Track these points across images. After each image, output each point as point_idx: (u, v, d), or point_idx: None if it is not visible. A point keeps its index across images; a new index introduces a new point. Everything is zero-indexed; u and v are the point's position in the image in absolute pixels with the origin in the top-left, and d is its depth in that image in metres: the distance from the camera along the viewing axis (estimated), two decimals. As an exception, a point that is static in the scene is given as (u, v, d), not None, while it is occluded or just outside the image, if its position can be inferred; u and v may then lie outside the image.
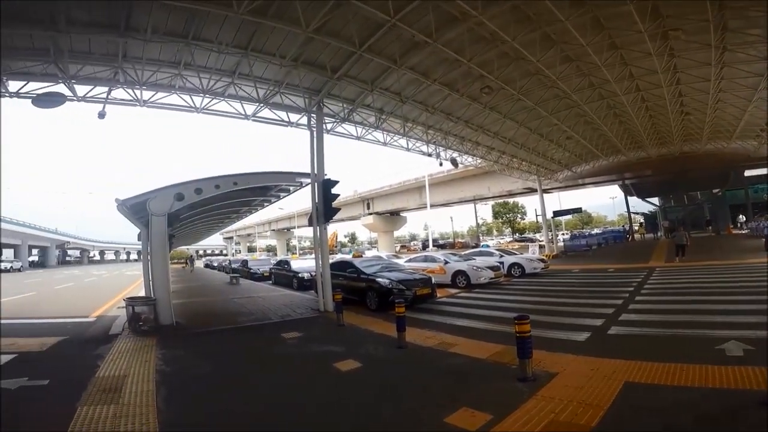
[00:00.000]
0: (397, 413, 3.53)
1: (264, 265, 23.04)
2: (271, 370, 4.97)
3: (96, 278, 26.23)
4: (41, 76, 8.96)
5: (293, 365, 5.19)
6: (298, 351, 5.96)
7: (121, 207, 8.15)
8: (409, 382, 4.38)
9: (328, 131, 12.58)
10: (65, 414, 3.38)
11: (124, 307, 7.96)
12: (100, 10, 7.24)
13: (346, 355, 5.39)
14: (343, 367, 4.86)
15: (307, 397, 3.99)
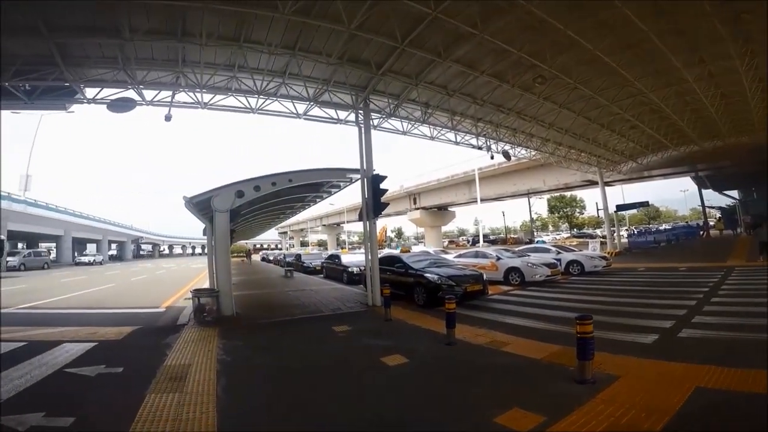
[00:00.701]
0: (443, 410, 3.48)
1: (316, 259, 23.71)
2: (321, 363, 5.09)
3: (165, 271, 28.55)
4: (113, 83, 9.86)
5: (342, 358, 5.27)
6: (347, 344, 6.05)
7: (188, 204, 8.75)
8: (457, 379, 4.31)
9: (375, 127, 12.65)
10: (135, 401, 3.61)
11: (190, 299, 8.52)
12: (158, 17, 7.79)
13: (393, 350, 5.40)
14: (390, 362, 4.87)
15: (354, 392, 4.03)
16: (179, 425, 3.14)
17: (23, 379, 4.12)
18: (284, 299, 11.32)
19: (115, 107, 9.93)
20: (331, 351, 5.67)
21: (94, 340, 6.21)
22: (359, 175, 10.06)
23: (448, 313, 5.71)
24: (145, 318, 8.84)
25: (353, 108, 11.49)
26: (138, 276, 23.31)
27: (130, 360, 5.11)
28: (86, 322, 7.98)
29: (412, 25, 8.33)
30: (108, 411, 3.43)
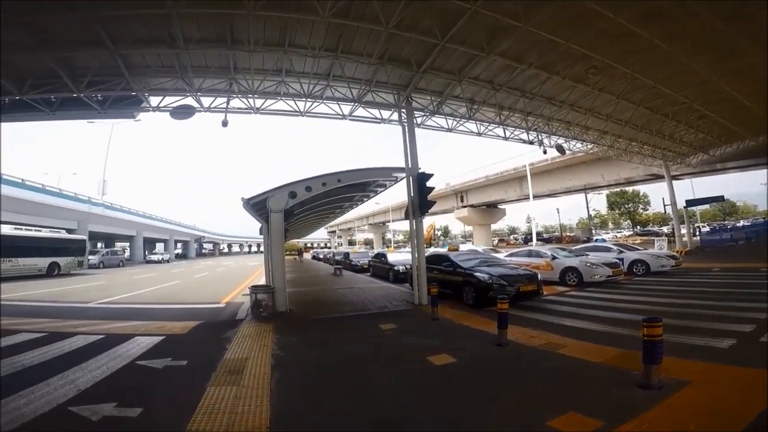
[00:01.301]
0: (493, 411, 3.38)
1: (363, 257, 23.96)
2: (369, 360, 5.11)
3: (224, 269, 30.22)
4: (173, 91, 10.68)
5: (389, 356, 5.27)
6: (394, 342, 6.03)
7: (246, 205, 9.21)
8: (508, 380, 4.16)
9: (418, 125, 12.60)
10: (197, 393, 3.80)
11: (248, 295, 8.95)
12: (208, 25, 8.25)
13: (440, 349, 5.31)
14: (437, 361, 4.79)
15: (400, 389, 4.00)
16: (235, 418, 3.26)
17: (100, 370, 4.50)
18: (334, 297, 11.54)
19: (177, 114, 10.77)
20: (378, 348, 5.69)
21: (162, 333, 6.67)
22: (404, 174, 10.05)
23: (500, 313, 5.52)
24: (207, 313, 9.37)
25: (396, 107, 11.53)
26: (200, 273, 24.89)
27: (193, 353, 5.40)
28: (156, 317, 8.61)
29: (450, 21, 8.17)
30: (172, 403, 3.63)
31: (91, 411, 3.27)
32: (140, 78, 9.97)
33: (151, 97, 10.81)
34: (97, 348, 5.54)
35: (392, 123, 12.40)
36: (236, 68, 10.05)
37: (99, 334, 6.53)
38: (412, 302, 9.50)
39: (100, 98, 10.46)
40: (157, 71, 9.87)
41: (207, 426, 3.11)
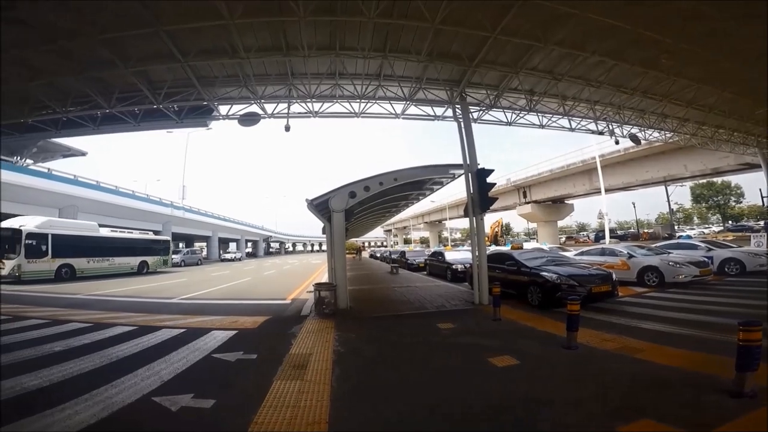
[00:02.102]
0: (558, 415, 3.19)
1: (419, 256, 23.91)
2: (426, 359, 5.04)
3: (290, 266, 31.77)
4: (239, 99, 11.46)
5: (447, 355, 5.17)
6: (452, 342, 5.90)
7: (310, 205, 9.57)
8: (577, 384, 3.89)
9: (475, 120, 12.21)
10: (264, 386, 3.97)
11: (311, 292, 9.32)
12: (263, 34, 8.65)
13: (502, 350, 5.12)
14: (498, 363, 4.61)
15: (459, 389, 3.90)
16: (297, 412, 3.36)
17: (181, 362, 4.87)
18: (391, 295, 11.60)
19: (244, 121, 11.57)
20: (436, 348, 5.60)
21: (235, 328, 7.10)
22: (462, 171, 9.83)
23: (569, 314, 5.19)
24: (275, 309, 9.87)
25: (449, 103, 11.28)
26: (268, 271, 26.39)
27: (262, 347, 5.68)
28: (230, 312, 9.25)
29: (500, 12, 7.79)
30: (242, 395, 3.81)
31: (171, 401, 3.54)
32: (210, 88, 10.77)
33: (220, 106, 11.70)
34: (179, 341, 6.02)
35: (447, 119, 12.20)
36: (293, 74, 10.49)
37: (181, 328, 7.11)
38: (472, 302, 9.26)
39: (176, 108, 11.52)
40: (223, 81, 10.60)
41: (272, 419, 3.23)
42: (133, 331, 6.81)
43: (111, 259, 22.23)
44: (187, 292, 13.74)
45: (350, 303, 9.03)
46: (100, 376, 4.22)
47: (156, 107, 11.28)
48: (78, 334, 6.45)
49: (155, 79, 10.41)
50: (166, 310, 9.70)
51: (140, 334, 6.48)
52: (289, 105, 11.68)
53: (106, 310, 9.53)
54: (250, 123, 11.67)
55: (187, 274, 24.57)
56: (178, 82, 10.38)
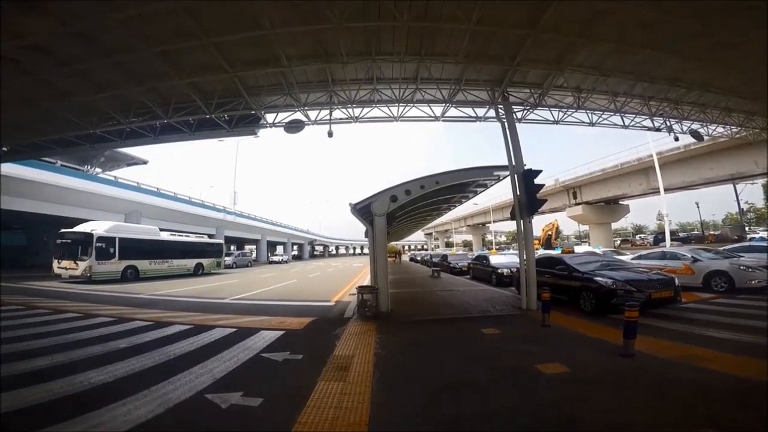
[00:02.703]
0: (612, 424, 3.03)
1: (462, 259, 23.55)
2: (469, 363, 4.92)
3: (333, 269, 32.43)
4: (284, 107, 11.92)
5: (492, 361, 5.00)
6: (497, 347, 5.72)
7: (353, 210, 9.73)
8: (633, 393, 3.68)
9: (519, 120, 11.86)
10: (309, 386, 4.04)
11: (354, 294, 9.42)
12: (303, 43, 8.88)
13: (550, 357, 4.89)
14: (546, 370, 4.40)
15: (502, 394, 3.78)
16: (339, 413, 3.39)
17: (231, 361, 5.08)
18: (433, 299, 11.47)
19: (290, 128, 12.05)
20: (480, 352, 5.45)
21: (282, 328, 7.32)
22: (507, 172, 9.56)
23: (627, 321, 4.90)
24: (320, 310, 10.10)
25: (491, 103, 11.08)
26: (313, 273, 27.05)
27: (307, 348, 5.81)
28: (277, 312, 9.56)
29: (538, 10, 7.50)
30: (288, 395, 3.91)
31: (221, 399, 3.68)
32: (257, 97, 11.26)
33: (267, 114, 12.24)
34: (231, 340, 6.28)
35: (489, 120, 11.94)
36: (333, 80, 10.75)
37: (233, 327, 7.42)
38: (519, 307, 8.97)
39: (226, 118, 12.18)
40: (268, 90, 11.06)
41: (315, 419, 3.28)
42: (190, 329, 7.20)
43: (170, 261, 23.75)
44: (238, 293, 14.36)
45: (391, 306, 9.02)
46: (158, 372, 4.48)
47: (208, 117, 12.00)
48: (141, 332, 6.92)
49: (206, 90, 11.06)
50: (219, 310, 10.19)
51: (196, 333, 6.84)
52: (330, 111, 11.97)
53: (165, 309, 10.17)
54: (295, 130, 12.10)
55: (238, 275, 25.70)
56: (228, 92, 10.97)
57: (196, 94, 10.96)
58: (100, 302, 11.35)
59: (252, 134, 13.28)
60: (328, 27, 7.96)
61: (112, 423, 3.08)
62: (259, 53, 9.20)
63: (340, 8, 7.48)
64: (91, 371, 4.41)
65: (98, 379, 4.18)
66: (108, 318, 8.28)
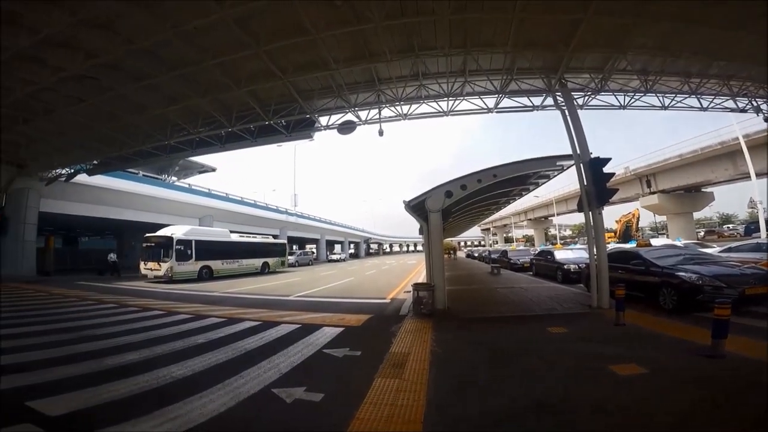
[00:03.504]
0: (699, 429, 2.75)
1: (524, 255, 22.67)
2: (531, 363, 4.69)
3: (388, 267, 32.70)
4: (335, 110, 12.33)
5: (556, 360, 4.73)
6: (564, 347, 5.39)
7: (407, 207, 9.69)
8: (723, 396, 3.32)
9: (581, 107, 11.19)
10: (366, 383, 4.08)
11: (409, 292, 9.40)
12: (347, 45, 9.04)
13: (625, 357, 4.54)
14: (620, 371, 4.08)
15: (568, 398, 3.54)
16: (395, 410, 3.39)
17: (296, 356, 5.28)
18: (492, 296, 11.15)
19: (342, 130, 12.42)
20: (544, 352, 5.16)
21: (342, 325, 7.50)
22: (572, 162, 9.00)
23: (716, 319, 4.43)
24: (376, 308, 10.22)
25: (548, 92, 10.56)
26: (369, 271, 27.48)
27: (366, 345, 5.88)
28: (337, 309, 9.83)
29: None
30: (346, 390, 3.98)
31: (287, 393, 3.83)
32: (309, 101, 11.70)
33: (320, 118, 12.67)
34: (295, 336, 6.55)
35: (548, 108, 11.44)
36: (379, 79, 10.86)
37: (297, 323, 7.73)
38: (589, 305, 8.41)
39: (284, 123, 12.79)
40: (320, 93, 11.46)
41: (372, 415, 3.31)
42: (258, 326, 7.60)
43: (240, 260, 25.36)
44: (301, 290, 14.97)
45: (448, 303, 8.89)
46: (231, 367, 4.77)
47: (267, 123, 12.68)
48: (215, 328, 7.42)
49: (263, 97, 11.68)
50: (284, 307, 10.67)
51: (264, 329, 7.22)
52: (379, 110, 12.12)
53: (236, 306, 10.87)
54: (347, 131, 12.42)
55: (300, 273, 26.80)
56: (283, 98, 11.52)
57: (255, 101, 11.62)
58: (180, 300, 12.38)
59: (308, 138, 13.82)
60: (368, 27, 8.11)
61: (188, 416, 3.29)
62: (307, 58, 9.56)
63: (378, 8, 7.56)
64: (172, 365, 4.81)
65: (178, 373, 4.54)
66: (187, 315, 9.00)
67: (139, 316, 8.89)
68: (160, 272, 19.96)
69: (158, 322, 8.11)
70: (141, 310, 9.86)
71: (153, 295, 14.04)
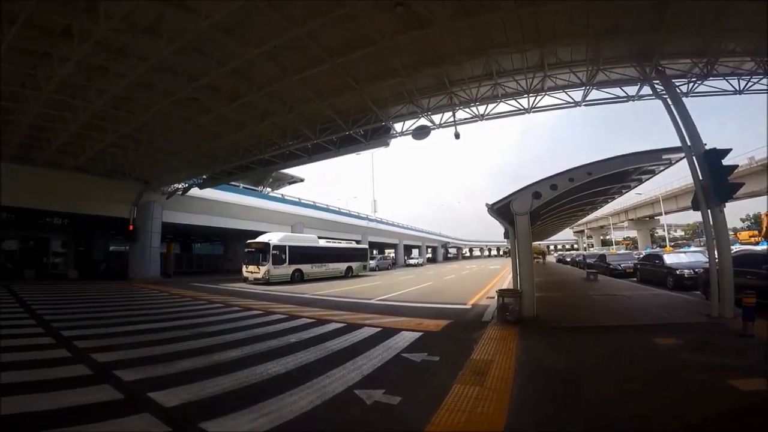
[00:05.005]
0: None
1: (625, 259, 20.61)
2: (634, 375, 4.23)
3: (468, 272, 31.86)
4: (408, 115, 12.48)
5: (665, 373, 4.22)
6: (674, 358, 4.81)
7: (490, 210, 9.38)
8: None
9: (685, 94, 9.88)
10: (444, 389, 4.02)
11: (493, 298, 9.02)
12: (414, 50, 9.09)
13: (750, 371, 3.98)
14: (743, 386, 3.56)
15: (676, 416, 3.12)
16: (473, 418, 3.30)
17: (377, 359, 5.40)
18: (588, 303, 10.29)
19: (417, 135, 12.54)
20: (650, 364, 4.63)
21: (420, 330, 7.50)
22: (681, 155, 7.97)
23: None
24: (456, 313, 9.99)
25: (643, 80, 9.63)
26: (448, 276, 27.06)
27: (444, 351, 5.81)
28: (415, 314, 9.83)
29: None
30: (424, 395, 3.95)
31: (367, 395, 3.93)
32: (384, 109, 12.01)
33: (395, 124, 12.96)
34: (376, 339, 6.71)
35: (646, 98, 10.42)
36: (451, 82, 10.74)
37: (378, 327, 7.90)
38: (707, 314, 7.41)
39: (362, 132, 13.31)
40: (393, 100, 11.71)
41: (448, 421, 3.26)
42: (342, 328, 7.94)
43: (327, 264, 26.79)
44: (381, 294, 15.28)
45: (537, 311, 8.34)
46: (318, 366, 5.04)
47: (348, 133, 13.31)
48: (306, 329, 7.91)
49: (342, 108, 12.28)
50: (366, 310, 10.99)
51: (348, 331, 7.52)
52: (454, 113, 12.01)
53: (324, 308, 11.46)
54: (422, 136, 12.48)
55: (381, 277, 27.41)
56: (359, 108, 12.02)
57: (335, 113, 12.28)
58: (275, 301, 13.42)
59: (385, 145, 14.18)
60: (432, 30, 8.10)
61: (280, 412, 3.53)
62: (378, 67, 9.87)
63: (440, 9, 7.45)
64: (269, 362, 5.23)
65: (274, 370, 4.91)
66: (281, 315, 9.73)
67: (241, 315, 9.84)
68: (259, 275, 21.89)
69: (257, 321, 8.90)
70: (243, 309, 10.92)
71: (253, 296, 15.41)
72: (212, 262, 40.37)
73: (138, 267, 24.05)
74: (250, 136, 14.57)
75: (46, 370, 4.73)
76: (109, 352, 5.71)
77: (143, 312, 10.43)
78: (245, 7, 7.24)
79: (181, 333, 7.49)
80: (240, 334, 7.35)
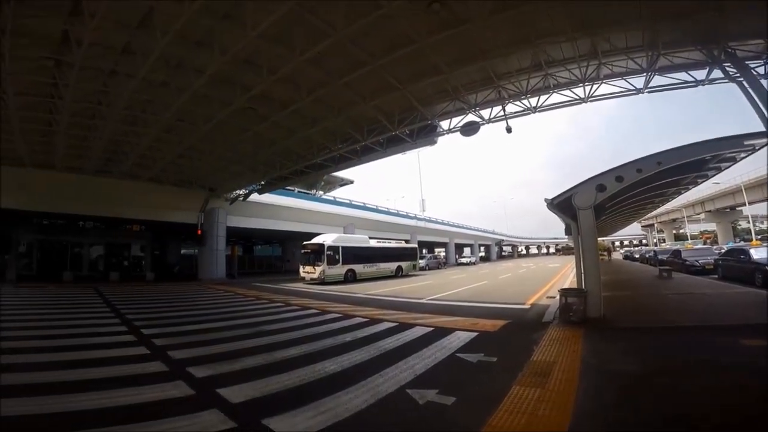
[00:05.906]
0: None
1: (704, 255, 18.76)
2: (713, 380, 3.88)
3: (525, 270, 30.66)
4: (455, 112, 12.24)
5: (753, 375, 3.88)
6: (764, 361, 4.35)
7: (550, 205, 8.96)
8: None
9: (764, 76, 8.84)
10: (502, 390, 3.92)
11: (553, 297, 8.61)
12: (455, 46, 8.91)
13: None
14: None
15: None
16: (534, 420, 3.20)
17: (430, 359, 5.38)
18: (660, 303, 9.55)
19: (466, 132, 12.31)
20: (734, 369, 4.21)
21: (475, 330, 7.36)
22: (765, 140, 7.14)
23: None
24: (513, 313, 9.68)
25: (712, 63, 8.90)
26: (504, 275, 26.18)
27: (502, 351, 5.66)
28: (470, 314, 9.65)
29: None
30: (480, 396, 3.88)
31: (420, 395, 3.92)
32: (429, 107, 11.92)
33: (441, 122, 12.83)
34: (429, 339, 6.68)
35: (716, 82, 9.48)
36: (497, 75, 10.39)
37: (430, 326, 7.86)
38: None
39: (408, 132, 13.34)
40: (437, 98, 11.59)
41: (507, 423, 3.18)
42: (394, 327, 8.00)
43: (378, 264, 27.14)
44: (433, 293, 15.14)
45: (604, 311, 7.84)
46: (372, 365, 5.12)
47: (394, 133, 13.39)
48: (359, 328, 8.07)
49: (387, 109, 12.37)
50: (417, 309, 10.97)
51: (400, 331, 7.56)
52: (503, 106, 11.63)
53: (377, 307, 11.61)
54: (471, 132, 12.23)
55: (431, 277, 27.18)
56: (404, 107, 12.06)
57: (381, 114, 12.41)
58: (331, 300, 13.80)
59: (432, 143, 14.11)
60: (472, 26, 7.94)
61: (336, 410, 3.62)
62: (419, 66, 9.85)
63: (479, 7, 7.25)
64: (326, 361, 5.40)
65: (330, 368, 5.06)
66: (337, 314, 10.00)
67: (300, 314, 10.27)
68: (315, 275, 22.69)
69: (314, 320, 9.24)
70: (301, 308, 11.38)
71: (310, 295, 15.98)
72: (271, 263, 42.66)
73: (206, 269, 26.07)
74: (303, 141, 15.15)
75: (131, 366, 5.21)
76: (183, 350, 6.19)
77: (212, 311, 11.23)
78: (288, 16, 7.53)
79: (245, 331, 7.95)
80: (299, 333, 7.65)
